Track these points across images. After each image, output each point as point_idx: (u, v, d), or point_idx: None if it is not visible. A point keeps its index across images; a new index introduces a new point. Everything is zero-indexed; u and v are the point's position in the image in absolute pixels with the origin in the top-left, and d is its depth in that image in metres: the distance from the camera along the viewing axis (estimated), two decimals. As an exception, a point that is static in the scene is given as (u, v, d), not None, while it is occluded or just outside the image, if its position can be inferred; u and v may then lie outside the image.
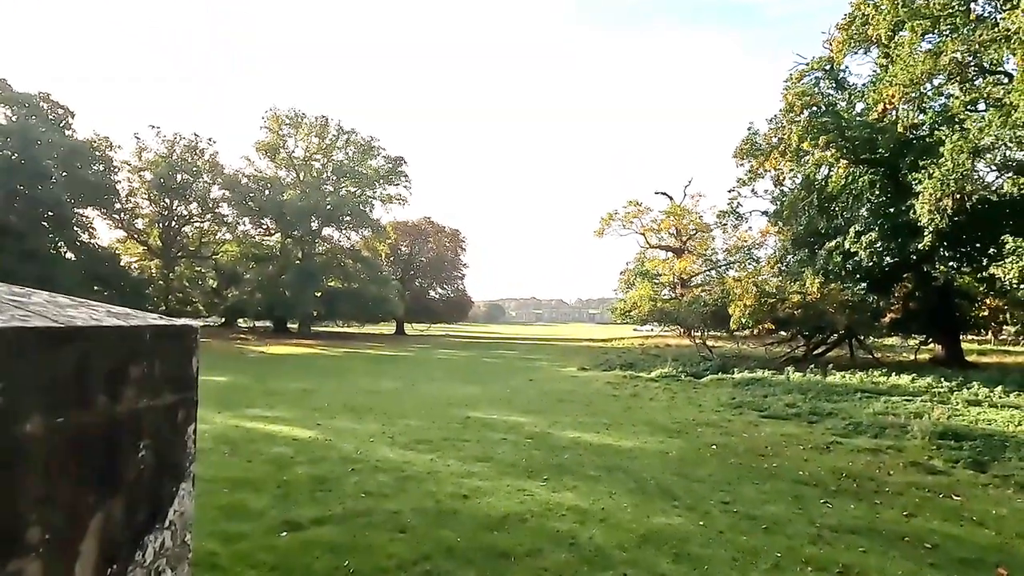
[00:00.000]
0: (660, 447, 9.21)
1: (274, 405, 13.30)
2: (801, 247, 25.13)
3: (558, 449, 8.79)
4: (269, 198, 45.56)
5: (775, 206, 27.77)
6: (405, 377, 20.42)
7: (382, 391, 16.40)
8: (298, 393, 15.75)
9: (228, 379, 19.70)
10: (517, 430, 10.36)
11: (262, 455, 7.95)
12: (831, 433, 10.91)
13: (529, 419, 11.73)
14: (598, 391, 16.97)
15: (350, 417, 11.56)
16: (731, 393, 16.41)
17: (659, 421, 11.90)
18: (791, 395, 15.57)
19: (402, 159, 48.95)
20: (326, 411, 12.35)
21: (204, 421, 10.54)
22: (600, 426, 11.05)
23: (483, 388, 17.44)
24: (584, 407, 13.79)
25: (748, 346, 25.05)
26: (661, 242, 43.80)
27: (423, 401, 14.37)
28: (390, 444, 8.79)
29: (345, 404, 13.61)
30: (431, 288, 60.30)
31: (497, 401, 14.59)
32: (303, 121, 47.90)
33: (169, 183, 46.66)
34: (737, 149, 25.31)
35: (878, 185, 23.34)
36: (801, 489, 7.05)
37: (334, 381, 19.03)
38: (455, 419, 11.50)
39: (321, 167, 49.17)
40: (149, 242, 49.78)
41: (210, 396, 14.71)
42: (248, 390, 16.32)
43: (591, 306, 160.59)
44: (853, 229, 22.72)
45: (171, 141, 49.22)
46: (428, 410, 12.75)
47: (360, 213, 45.64)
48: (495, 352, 34.03)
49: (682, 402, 14.95)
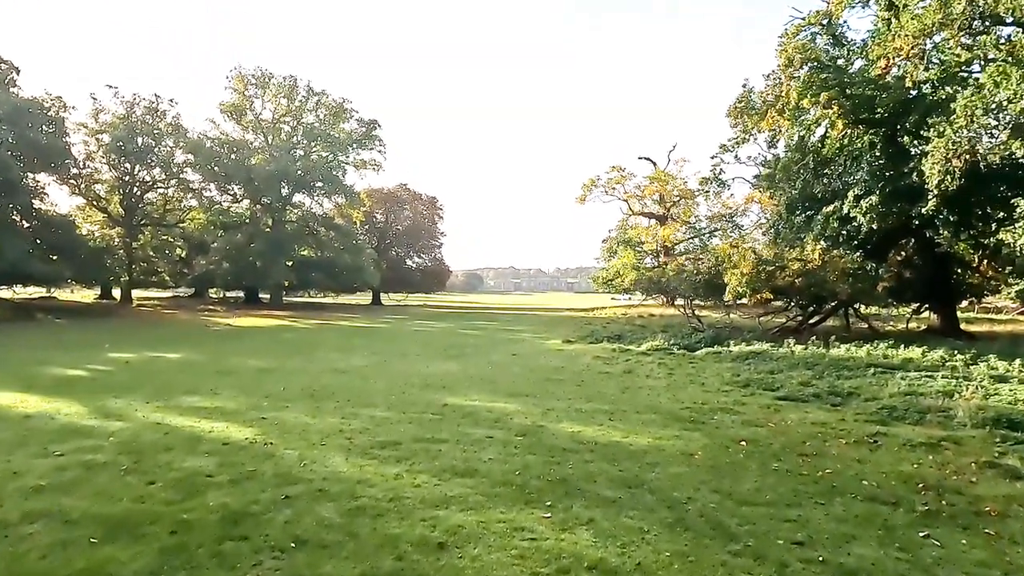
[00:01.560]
0: (680, 445, 7.37)
1: (220, 391, 11.19)
2: (795, 212, 23.42)
3: (557, 452, 6.89)
4: (236, 163, 42.38)
5: (766, 170, 25.94)
6: (378, 352, 18.39)
7: (350, 370, 14.37)
8: (253, 374, 13.64)
9: (180, 356, 17.47)
10: (504, 423, 8.44)
11: (172, 472, 5.89)
12: (864, 420, 9.23)
13: (517, 406, 9.83)
14: (588, 367, 15.16)
15: (306, 406, 9.52)
16: (732, 369, 14.73)
17: (665, 406, 10.10)
18: (798, 371, 13.95)
19: (376, 122, 45.95)
20: (279, 398, 10.28)
21: (122, 417, 8.44)
22: (601, 415, 9.18)
23: (462, 364, 15.51)
24: (577, 388, 11.95)
25: (739, 316, 23.49)
26: (644, 209, 41.80)
27: (395, 382, 12.38)
28: (346, 450, 6.79)
29: (304, 388, 11.57)
30: (408, 257, 57.80)
31: (479, 381, 12.67)
32: (270, 81, 44.45)
33: (129, 147, 43.08)
34: (731, 108, 23.29)
35: (878, 147, 21.58)
36: (880, 511, 5.27)
37: (299, 358, 16.92)
38: (430, 408, 9.54)
39: (291, 130, 45.92)
40: (110, 209, 46.33)
41: (149, 379, 12.56)
42: (197, 371, 14.15)
43: (569, 275, 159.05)
44: (852, 193, 21.02)
45: (130, 102, 45.47)
46: (399, 395, 10.77)
47: (332, 179, 42.75)
48: (474, 323, 32.07)
49: (682, 379, 13.21)
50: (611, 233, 44.55)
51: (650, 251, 39.71)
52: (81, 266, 36.91)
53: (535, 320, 34.11)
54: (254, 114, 45.24)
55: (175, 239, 50.79)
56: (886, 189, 20.41)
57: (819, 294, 17.98)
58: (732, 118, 23.41)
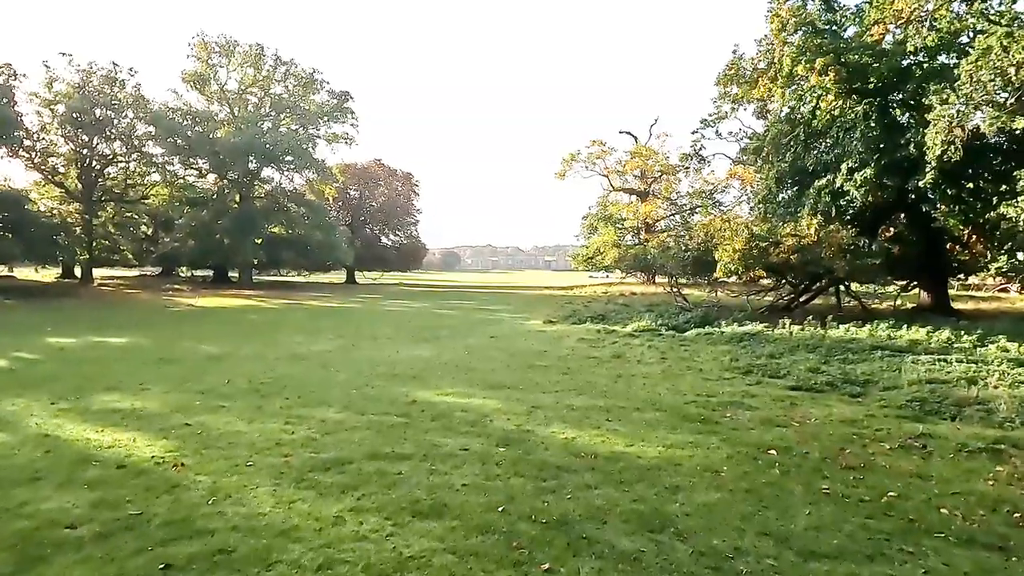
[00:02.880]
0: (699, 457, 5.88)
1: (151, 385, 9.41)
2: (784, 186, 22.06)
3: (550, 471, 5.34)
4: (200, 135, 39.53)
5: (753, 143, 24.49)
6: (345, 335, 16.65)
7: (310, 356, 12.65)
8: (200, 363, 11.84)
9: (125, 342, 15.53)
10: (483, 427, 6.86)
11: (18, 520, 4.18)
12: (896, 415, 7.88)
13: (497, 402, 8.25)
14: (573, 351, 13.65)
15: (246, 406, 7.82)
16: (728, 352, 13.35)
17: (667, 399, 8.64)
18: (801, 354, 12.64)
19: (348, 94, 43.23)
20: (217, 395, 8.55)
21: (6, 427, 6.65)
22: (596, 414, 7.66)
23: (436, 349, 13.88)
24: (564, 377, 10.43)
25: (725, 295, 22.22)
26: (625, 185, 40.14)
27: (358, 372, 10.72)
28: (277, 474, 5.13)
29: (252, 381, 9.84)
30: (383, 235, 55.44)
31: (453, 370, 11.07)
32: (235, 49, 41.37)
33: (86, 118, 39.91)
34: (720, 76, 21.66)
35: (873, 117, 20.22)
36: (991, 563, 3.84)
37: (257, 342, 15.13)
38: (395, 406, 7.92)
39: (258, 101, 43.01)
40: (67, 184, 43.14)
41: (74, 371, 10.70)
42: (137, 359, 12.29)
43: (547, 253, 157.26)
44: (845, 165, 19.71)
45: (85, 71, 42.06)
46: (361, 389, 9.12)
47: (302, 152, 40.16)
48: (451, 303, 30.37)
49: (677, 365, 11.79)
50: (591, 210, 42.84)
51: (631, 228, 38.19)
52: (31, 243, 34.14)
53: (513, 299, 32.52)
54: (218, 84, 42.20)
55: (139, 216, 47.77)
56: (881, 161, 19.11)
57: (815, 271, 16.68)
58: (721, 86, 21.82)
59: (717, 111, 30.53)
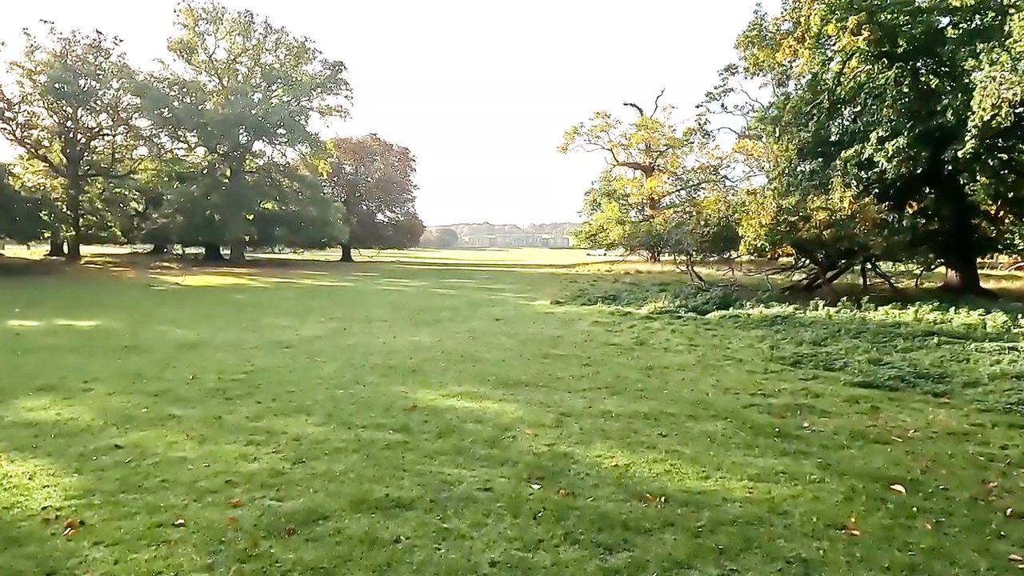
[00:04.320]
0: (806, 499, 4.19)
1: (97, 382, 7.66)
2: (806, 158, 20.25)
3: (613, 531, 3.64)
4: (188, 107, 37.14)
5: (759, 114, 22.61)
6: (337, 318, 14.91)
7: (296, 344, 10.91)
8: (169, 351, 10.07)
9: (94, 325, 13.74)
10: (505, 450, 5.16)
11: None
12: (1007, 425, 6.24)
13: (517, 407, 6.56)
14: (590, 337, 11.96)
15: (203, 415, 6.09)
16: (763, 338, 11.70)
17: (718, 401, 6.98)
18: (846, 341, 11.03)
19: (342, 64, 40.68)
20: (170, 400, 6.81)
21: None
22: (643, 424, 5.97)
23: (437, 334, 12.15)
24: (586, 369, 8.75)
25: (742, 274, 20.54)
26: (630, 159, 38.09)
27: (348, 363, 9.00)
28: (212, 546, 3.41)
29: (222, 376, 8.11)
30: (379, 211, 53.27)
31: (458, 360, 9.36)
32: (224, 16, 38.67)
33: (69, 88, 37.35)
34: (740, 38, 19.64)
35: (905, 83, 18.35)
36: None
37: (239, 326, 13.36)
38: (390, 413, 6.21)
39: (248, 72, 40.43)
40: (51, 158, 40.74)
41: (17, 363, 8.94)
42: (97, 347, 10.52)
43: (544, 231, 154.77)
44: (874, 135, 17.92)
45: (67, 39, 39.37)
46: (349, 388, 7.39)
47: (295, 125, 37.84)
48: (451, 282, 28.58)
49: (712, 355, 10.12)
50: (594, 185, 40.78)
51: (635, 204, 36.30)
52: (14, 220, 32.04)
53: (515, 278, 30.75)
54: (206, 53, 39.56)
55: (129, 192, 45.40)
56: (915, 129, 17.33)
57: (848, 248, 14.97)
58: (741, 49, 19.80)
59: (723, 83, 28.55)
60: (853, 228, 14.83)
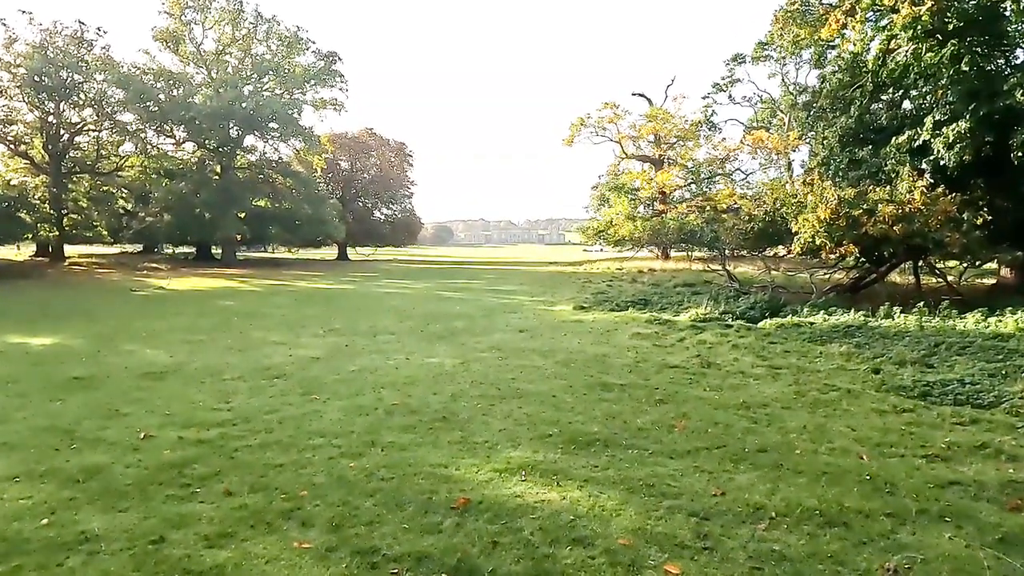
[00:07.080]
0: None
1: (11, 446, 5.32)
2: (849, 146, 18.04)
3: None
4: (175, 100, 34.42)
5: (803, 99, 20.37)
6: (337, 330, 12.57)
7: (288, 370, 8.57)
8: (124, 387, 7.70)
9: (48, 344, 11.33)
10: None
11: None
12: None
13: (613, 495, 4.26)
14: (641, 356, 9.70)
15: (133, 534, 3.78)
16: (847, 355, 9.49)
17: (893, 474, 4.73)
18: (956, 359, 8.87)
19: (336, 55, 38.10)
20: (89, 496, 4.48)
21: None
22: (828, 536, 3.72)
23: (458, 354, 9.83)
24: (664, 409, 6.49)
25: (779, 272, 18.37)
26: (639, 151, 35.75)
27: (354, 405, 6.66)
28: None
29: (184, 433, 5.79)
30: (376, 208, 50.66)
31: (496, 398, 7.06)
32: (211, 4, 35.95)
33: (50, 82, 34.53)
34: (779, 13, 17.37)
35: (965, 60, 16.14)
36: None
37: (222, 344, 10.99)
38: (432, 522, 3.86)
39: (238, 63, 37.71)
40: (32, 154, 37.89)
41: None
42: (33, 379, 8.13)
43: (540, 227, 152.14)
44: (930, 119, 15.75)
45: (48, 30, 36.49)
46: (362, 457, 5.04)
47: (288, 119, 35.22)
48: (455, 282, 26.23)
49: (805, 381, 7.91)
50: (601, 179, 38.46)
51: (645, 198, 34.06)
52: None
53: (522, 277, 28.45)
54: (194, 43, 36.80)
55: (115, 189, 42.52)
56: (979, 112, 15.17)
57: (921, 245, 12.81)
58: (779, 24, 17.52)
59: (730, 74, 26.37)
60: (925, 223, 12.64)
